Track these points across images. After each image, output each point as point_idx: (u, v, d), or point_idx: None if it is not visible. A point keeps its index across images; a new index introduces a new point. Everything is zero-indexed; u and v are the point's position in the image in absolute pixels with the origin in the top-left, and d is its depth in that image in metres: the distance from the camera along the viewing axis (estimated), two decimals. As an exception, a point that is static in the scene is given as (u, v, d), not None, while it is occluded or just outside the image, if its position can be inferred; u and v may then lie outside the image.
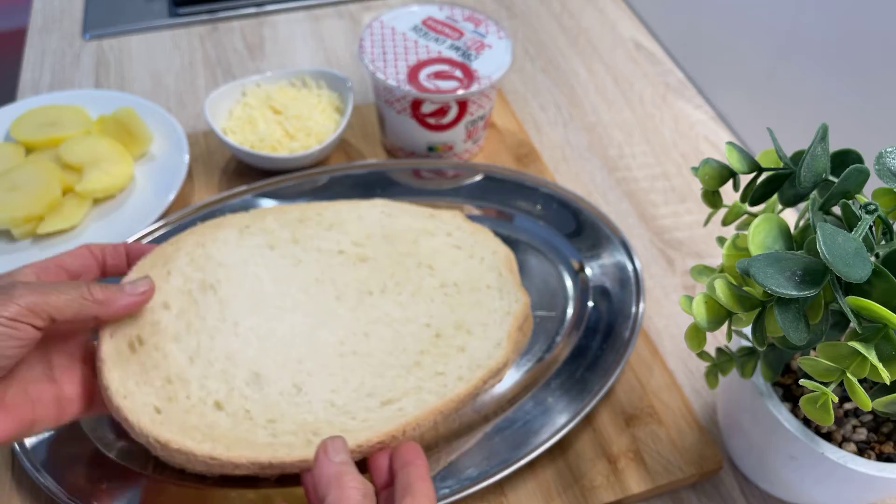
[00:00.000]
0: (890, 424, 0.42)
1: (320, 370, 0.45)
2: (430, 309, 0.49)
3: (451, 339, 0.48)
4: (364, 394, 0.44)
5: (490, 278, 0.51)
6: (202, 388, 0.43)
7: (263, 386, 0.44)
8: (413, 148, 0.65)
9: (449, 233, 0.54)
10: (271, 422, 0.42)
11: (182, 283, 0.47)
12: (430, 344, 0.47)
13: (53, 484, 0.43)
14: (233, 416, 0.42)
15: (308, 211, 0.54)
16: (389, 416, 0.43)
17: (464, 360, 0.46)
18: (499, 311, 0.50)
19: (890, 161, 0.34)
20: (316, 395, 0.44)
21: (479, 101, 0.61)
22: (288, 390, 0.44)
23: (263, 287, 0.48)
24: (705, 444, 0.48)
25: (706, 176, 0.39)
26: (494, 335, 0.48)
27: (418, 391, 0.45)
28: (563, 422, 0.46)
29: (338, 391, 0.44)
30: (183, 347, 0.44)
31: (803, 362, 0.32)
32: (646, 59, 0.81)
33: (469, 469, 0.45)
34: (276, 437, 0.42)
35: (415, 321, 0.48)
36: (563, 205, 0.60)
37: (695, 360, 0.54)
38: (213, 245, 0.49)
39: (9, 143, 0.62)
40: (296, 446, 0.41)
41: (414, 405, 0.44)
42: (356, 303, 0.49)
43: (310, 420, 0.43)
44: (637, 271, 0.55)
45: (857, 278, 0.29)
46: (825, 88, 0.62)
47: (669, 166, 0.68)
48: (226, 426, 0.42)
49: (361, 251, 0.52)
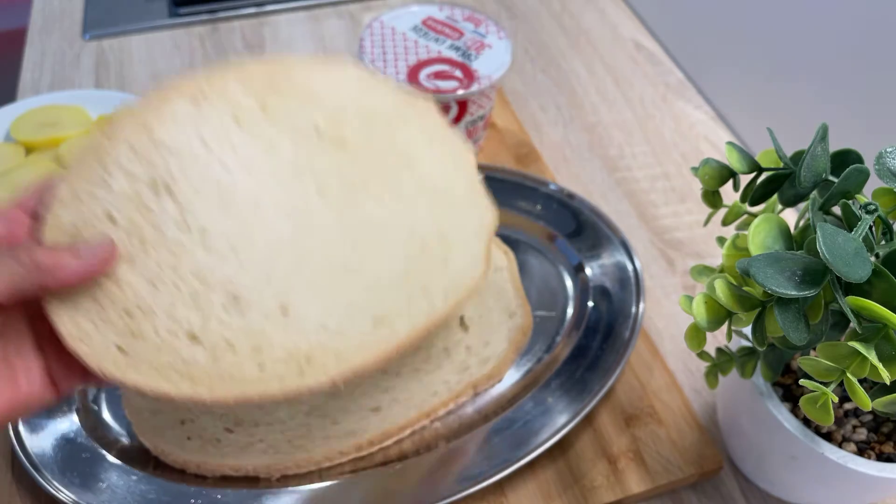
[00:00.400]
0: (890, 424, 0.42)
1: (308, 286, 0.38)
2: (414, 215, 0.42)
3: (435, 251, 0.42)
4: (356, 312, 0.39)
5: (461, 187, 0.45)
6: (170, 318, 0.36)
7: (244, 310, 0.37)
8: None
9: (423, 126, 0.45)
10: (257, 351, 0.36)
11: (127, 185, 0.37)
12: (417, 254, 0.41)
13: (53, 484, 0.43)
14: (211, 348, 0.36)
15: (276, 72, 0.42)
16: (383, 336, 0.38)
17: (447, 274, 0.41)
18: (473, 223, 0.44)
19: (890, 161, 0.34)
20: (306, 317, 0.38)
21: (479, 101, 0.61)
22: (273, 313, 0.37)
23: (232, 179, 0.38)
24: (705, 444, 0.48)
25: (706, 176, 0.39)
26: (473, 249, 0.42)
27: (409, 307, 0.40)
28: (563, 422, 0.46)
29: (329, 310, 0.38)
30: (140, 270, 0.36)
31: (803, 362, 0.32)
32: (646, 59, 0.81)
33: (469, 469, 0.45)
34: (264, 369, 0.36)
35: (401, 228, 0.42)
36: (563, 205, 0.60)
37: (695, 360, 0.54)
38: (161, 126, 0.38)
39: (9, 144, 0.62)
40: (287, 377, 0.36)
41: (405, 323, 0.39)
42: (339, 200, 0.41)
43: (301, 346, 0.37)
44: (637, 271, 0.55)
45: (857, 278, 0.29)
46: (825, 88, 0.62)
47: (669, 166, 0.68)
48: (205, 362, 0.36)
49: (339, 131, 0.42)
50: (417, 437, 0.48)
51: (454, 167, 0.45)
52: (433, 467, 0.45)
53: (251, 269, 0.38)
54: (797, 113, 0.65)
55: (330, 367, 0.37)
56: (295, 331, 0.37)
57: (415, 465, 0.45)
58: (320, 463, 0.45)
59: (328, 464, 0.45)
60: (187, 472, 0.45)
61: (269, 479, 0.45)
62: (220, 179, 0.38)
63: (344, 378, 0.37)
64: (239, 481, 0.45)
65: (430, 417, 0.48)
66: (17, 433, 0.45)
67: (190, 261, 0.37)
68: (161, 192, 0.37)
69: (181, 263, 0.37)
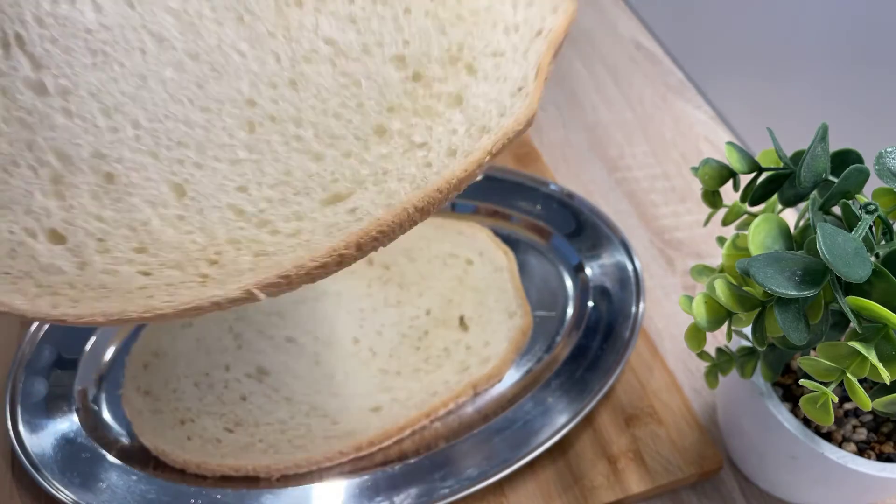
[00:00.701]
0: (890, 424, 0.42)
1: (215, 155, 0.28)
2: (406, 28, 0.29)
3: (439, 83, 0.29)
4: (291, 190, 0.28)
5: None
6: (28, 213, 0.28)
7: (122, 194, 0.28)
8: None
9: None
10: (140, 250, 0.27)
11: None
12: (405, 93, 0.29)
13: (53, 484, 0.43)
14: (78, 250, 0.27)
15: None
16: (334, 221, 0.27)
17: (460, 119, 0.29)
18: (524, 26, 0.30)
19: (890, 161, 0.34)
20: (209, 199, 0.27)
21: None
22: (163, 196, 0.28)
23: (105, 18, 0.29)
24: (705, 444, 0.48)
25: (706, 176, 0.39)
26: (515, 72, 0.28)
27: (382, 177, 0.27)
28: (563, 422, 0.46)
29: (247, 188, 0.28)
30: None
31: (803, 362, 0.32)
32: (646, 59, 0.81)
33: (469, 469, 0.45)
34: (150, 275, 0.27)
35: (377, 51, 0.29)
36: (563, 205, 0.60)
37: (695, 360, 0.54)
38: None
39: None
40: (182, 285, 0.26)
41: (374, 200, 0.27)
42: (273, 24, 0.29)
43: (201, 242, 0.27)
44: (637, 271, 0.55)
45: (857, 278, 0.29)
46: (825, 88, 0.62)
47: (669, 166, 0.68)
48: (69, 268, 0.27)
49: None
50: (417, 437, 0.48)
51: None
52: (433, 467, 0.45)
53: (130, 136, 0.28)
54: (797, 113, 0.65)
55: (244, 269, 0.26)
56: (194, 219, 0.27)
57: (415, 465, 0.45)
58: (320, 463, 0.45)
59: (328, 464, 0.46)
60: (187, 472, 0.45)
61: (269, 479, 0.45)
62: (87, 18, 0.29)
63: (267, 287, 0.25)
64: (239, 481, 0.45)
65: (430, 417, 0.48)
66: (17, 433, 0.45)
67: (49, 133, 0.28)
68: (12, 48, 0.29)
69: (37, 138, 0.28)
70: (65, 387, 0.48)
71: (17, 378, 0.48)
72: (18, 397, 0.47)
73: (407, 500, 0.43)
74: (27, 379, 0.48)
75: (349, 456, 0.46)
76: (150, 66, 0.29)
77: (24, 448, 0.44)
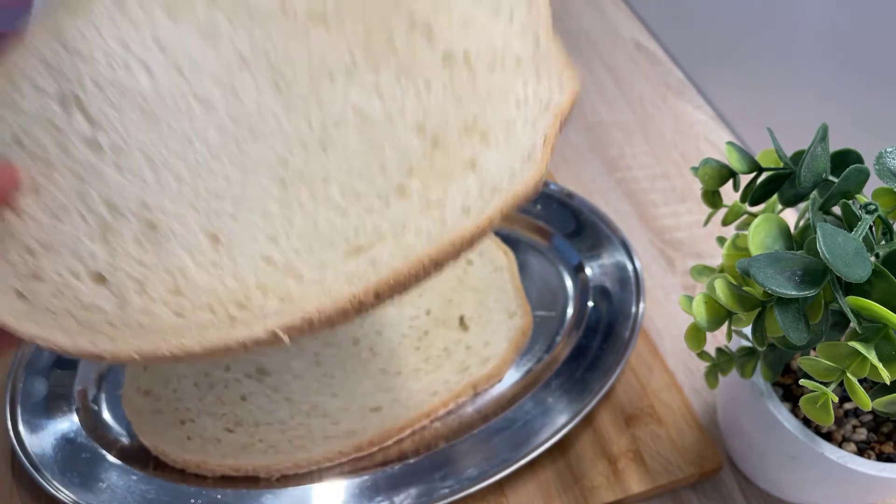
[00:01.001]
0: (890, 424, 0.42)
1: (250, 209, 0.30)
2: (426, 100, 0.32)
3: (455, 149, 0.31)
4: (317, 241, 0.30)
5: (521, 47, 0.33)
6: (74, 256, 0.30)
7: (162, 241, 0.30)
8: None
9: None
10: (175, 293, 0.29)
11: (38, 103, 0.32)
12: (424, 157, 0.31)
13: (53, 484, 0.43)
14: (118, 291, 0.29)
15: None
16: (355, 271, 0.29)
17: (473, 181, 0.31)
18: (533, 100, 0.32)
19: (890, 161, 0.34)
20: (242, 248, 0.30)
21: None
22: (199, 244, 0.30)
23: (157, 85, 0.32)
24: (705, 444, 0.48)
25: (706, 176, 0.39)
26: (524, 141, 0.31)
27: (400, 232, 0.30)
28: (563, 422, 0.46)
29: (276, 239, 0.30)
30: (45, 201, 0.30)
31: (803, 362, 0.32)
32: (646, 59, 0.81)
33: (469, 469, 0.45)
34: (183, 316, 0.29)
35: (400, 122, 0.32)
36: (563, 205, 0.60)
37: (695, 360, 0.54)
38: (78, 35, 0.32)
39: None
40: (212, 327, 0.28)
41: (392, 252, 0.29)
42: (307, 94, 0.32)
43: (232, 286, 0.29)
44: (637, 271, 0.55)
45: (857, 278, 0.29)
46: (825, 88, 0.62)
47: (669, 166, 0.68)
48: (110, 308, 0.29)
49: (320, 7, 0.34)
50: (417, 437, 0.48)
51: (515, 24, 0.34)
52: (433, 467, 0.45)
53: (174, 192, 0.31)
54: (797, 113, 0.65)
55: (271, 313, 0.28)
56: (227, 266, 0.30)
57: (415, 465, 0.45)
58: (320, 463, 0.45)
59: (328, 464, 0.46)
60: (187, 472, 0.45)
61: (269, 479, 0.45)
62: (140, 86, 0.32)
63: (291, 330, 0.27)
64: (239, 481, 0.45)
65: (430, 417, 0.48)
66: (17, 433, 0.45)
67: (100, 185, 0.31)
68: (71, 107, 0.31)
69: (89, 189, 0.31)
70: (65, 387, 0.48)
71: (17, 378, 0.48)
72: (18, 397, 0.47)
73: (407, 500, 0.43)
74: (27, 379, 0.48)
75: (349, 456, 0.46)
76: (196, 127, 0.32)
77: (24, 448, 0.44)
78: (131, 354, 0.27)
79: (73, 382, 0.48)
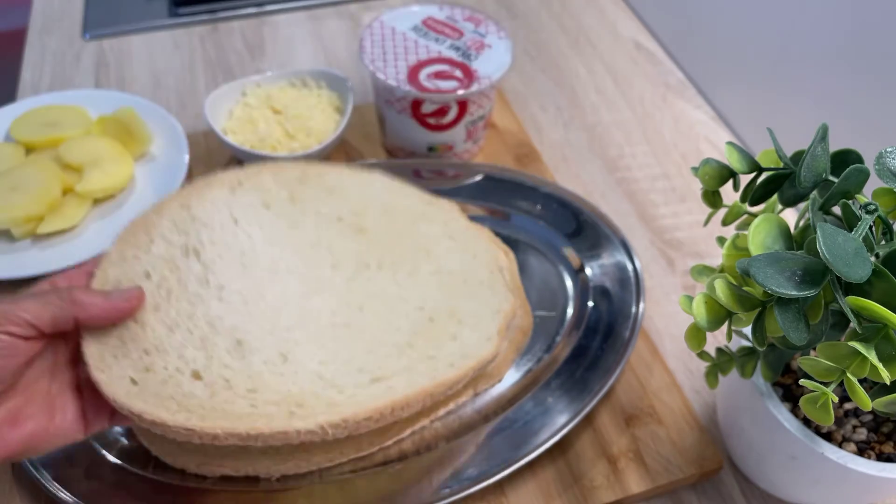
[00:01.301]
0: (890, 424, 0.42)
1: (309, 340, 0.43)
2: (425, 293, 0.48)
3: (443, 326, 0.47)
4: (354, 368, 0.43)
5: (482, 274, 0.51)
6: (180, 358, 0.41)
7: (246, 354, 0.42)
8: (413, 148, 0.65)
9: (446, 222, 0.53)
10: (252, 391, 0.40)
11: (165, 250, 0.44)
12: (424, 327, 0.46)
13: (53, 484, 0.43)
14: (211, 385, 0.40)
15: (309, 171, 0.51)
16: (378, 393, 0.42)
17: (455, 348, 0.45)
18: (490, 306, 0.49)
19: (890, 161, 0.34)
20: (303, 366, 0.42)
21: (479, 101, 0.61)
22: (273, 359, 0.42)
23: (254, 248, 0.46)
24: (705, 444, 0.48)
25: (706, 176, 0.39)
26: (486, 329, 0.47)
27: (409, 371, 0.43)
28: (563, 422, 0.46)
29: (326, 363, 0.43)
30: (162, 317, 0.42)
31: (803, 362, 0.32)
32: (646, 59, 0.81)
33: (469, 469, 0.45)
34: (255, 408, 0.40)
35: (410, 302, 0.47)
36: (563, 205, 0.60)
37: (695, 360, 0.54)
38: (200, 206, 0.46)
39: (9, 143, 0.62)
40: (276, 417, 0.39)
41: (404, 385, 0.42)
42: (353, 274, 0.47)
43: (294, 391, 0.41)
44: (637, 271, 0.55)
45: (857, 278, 0.29)
46: (825, 88, 0.62)
47: (669, 166, 0.68)
48: (203, 396, 0.40)
49: (360, 221, 0.50)
50: (417, 437, 0.48)
51: (477, 260, 0.51)
52: (433, 467, 0.45)
53: (258, 320, 0.43)
54: (797, 113, 0.65)
55: (320, 413, 0.40)
56: (291, 377, 0.41)
57: (415, 465, 0.46)
58: (320, 463, 0.45)
59: (328, 464, 0.45)
60: (187, 472, 0.45)
61: (269, 479, 0.45)
62: (244, 247, 0.46)
63: (333, 425, 0.40)
64: (239, 481, 0.45)
65: (431, 417, 0.48)
66: (17, 433, 0.45)
67: (205, 310, 0.43)
68: (190, 255, 0.45)
69: (197, 312, 0.43)
70: (65, 387, 0.48)
71: (17, 378, 0.48)
72: (18, 397, 0.47)
73: (407, 499, 0.43)
74: (27, 379, 0.48)
75: (349, 456, 0.46)
76: (279, 278, 0.45)
77: (24, 448, 0.44)
78: (216, 431, 0.38)
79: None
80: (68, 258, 0.56)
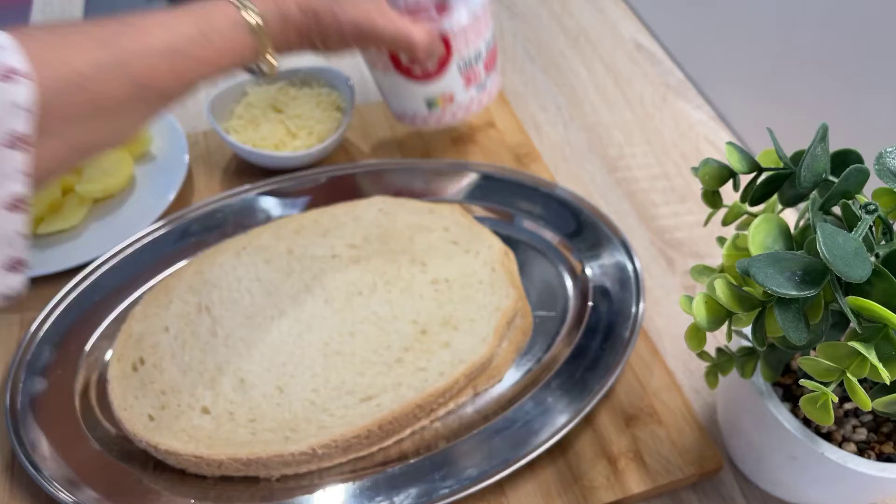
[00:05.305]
0: (890, 424, 0.42)
1: (303, 371, 0.48)
2: (419, 305, 0.51)
3: (436, 336, 0.50)
4: (344, 392, 0.47)
5: (483, 273, 0.53)
6: (192, 397, 0.47)
7: (248, 390, 0.47)
8: (414, 109, 0.61)
9: (447, 227, 0.56)
10: (252, 421, 0.46)
11: (181, 308, 0.52)
12: (415, 341, 0.49)
13: (53, 484, 0.43)
14: (217, 419, 0.46)
15: (304, 220, 0.57)
16: (367, 411, 0.46)
17: (447, 355, 0.48)
18: (488, 306, 0.51)
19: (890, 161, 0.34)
20: (296, 395, 0.47)
21: (465, 35, 0.57)
22: (271, 393, 0.47)
23: (255, 301, 0.52)
24: (705, 444, 0.48)
25: (706, 176, 0.39)
26: (481, 330, 0.50)
27: (397, 387, 0.47)
28: (563, 422, 0.46)
29: (318, 390, 0.47)
30: (177, 363, 0.49)
31: (803, 362, 0.32)
32: (646, 59, 0.81)
33: (469, 469, 0.45)
34: (255, 435, 0.45)
35: (402, 318, 0.51)
36: (563, 205, 0.60)
37: (695, 360, 0.54)
38: (211, 270, 0.54)
39: (9, 143, 0.62)
40: (273, 442, 0.44)
41: (391, 400, 0.46)
42: (344, 304, 0.52)
43: (288, 418, 0.46)
44: (637, 271, 0.55)
45: (857, 278, 0.29)
46: (825, 88, 0.62)
47: (669, 166, 0.68)
48: (210, 428, 0.45)
49: (355, 253, 0.55)
50: (417, 437, 0.48)
51: (479, 258, 0.54)
52: (433, 467, 0.45)
53: (258, 360, 0.49)
54: (797, 113, 0.65)
55: (311, 436, 0.44)
56: (286, 406, 0.46)
57: (415, 465, 0.45)
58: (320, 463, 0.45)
59: (328, 464, 0.45)
60: (187, 472, 0.45)
61: (269, 479, 0.45)
62: (246, 301, 0.52)
63: (323, 446, 0.44)
64: (239, 481, 0.45)
65: (431, 418, 0.48)
66: (17, 433, 0.45)
67: (213, 356, 0.49)
68: (202, 312, 0.52)
69: (207, 358, 0.49)
70: (64, 387, 0.48)
71: (17, 378, 0.48)
72: (18, 397, 0.47)
73: (407, 500, 0.43)
74: (27, 379, 0.48)
75: (349, 456, 0.46)
76: (275, 323, 0.51)
77: (23, 448, 0.44)
78: (221, 458, 0.43)
79: (73, 383, 0.49)
80: (68, 258, 0.56)
